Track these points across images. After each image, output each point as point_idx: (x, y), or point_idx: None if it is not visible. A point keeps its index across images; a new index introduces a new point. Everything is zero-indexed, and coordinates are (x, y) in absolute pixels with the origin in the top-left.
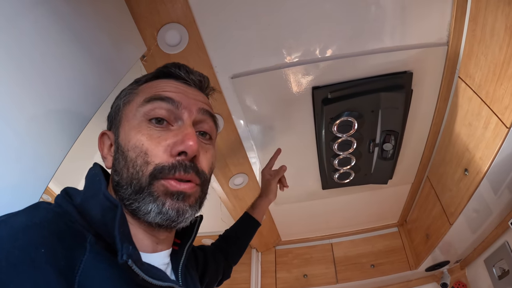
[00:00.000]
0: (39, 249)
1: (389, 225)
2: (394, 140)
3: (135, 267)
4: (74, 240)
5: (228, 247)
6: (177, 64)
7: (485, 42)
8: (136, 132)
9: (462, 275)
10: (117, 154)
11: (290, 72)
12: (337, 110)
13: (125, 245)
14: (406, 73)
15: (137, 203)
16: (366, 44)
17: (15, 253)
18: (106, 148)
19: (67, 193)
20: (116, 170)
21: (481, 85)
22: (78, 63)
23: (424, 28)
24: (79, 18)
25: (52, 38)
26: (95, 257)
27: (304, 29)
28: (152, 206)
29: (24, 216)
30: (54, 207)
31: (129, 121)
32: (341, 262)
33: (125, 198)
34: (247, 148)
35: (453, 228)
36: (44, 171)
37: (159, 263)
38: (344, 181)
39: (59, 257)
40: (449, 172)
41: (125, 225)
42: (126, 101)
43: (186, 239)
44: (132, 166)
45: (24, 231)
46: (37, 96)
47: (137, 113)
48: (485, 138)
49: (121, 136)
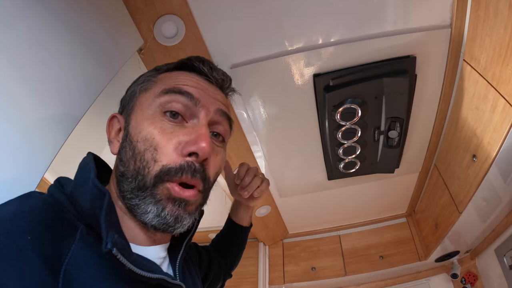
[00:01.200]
0: (25, 236)
1: (397, 216)
2: (400, 127)
3: (120, 256)
4: (63, 229)
5: (226, 256)
6: (202, 58)
7: (489, 22)
8: (148, 124)
9: (472, 266)
10: (125, 142)
11: (290, 60)
12: (339, 97)
13: (110, 233)
14: (409, 58)
15: (138, 200)
16: (367, 29)
17: (1, 239)
18: (114, 132)
19: (59, 182)
20: (122, 160)
21: (487, 67)
22: (73, 56)
23: (426, 11)
24: (74, 12)
25: (47, 33)
26: (84, 247)
27: (303, 15)
28: (152, 207)
29: (14, 205)
30: (45, 196)
31: (143, 110)
32: (349, 254)
33: (127, 191)
34: (251, 142)
35: (462, 217)
36: (39, 163)
37: (154, 257)
38: (350, 170)
39: (46, 245)
40: (457, 159)
41: (113, 214)
42: (143, 88)
43: (185, 234)
44: (139, 159)
45: (12, 219)
46: (32, 89)
47: (153, 103)
48: (493, 121)
49: (132, 124)
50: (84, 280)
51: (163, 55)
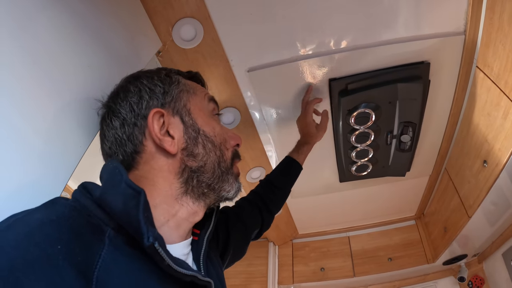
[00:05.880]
0: (56, 245)
1: (406, 218)
2: (412, 132)
3: (161, 250)
4: (92, 235)
5: (269, 194)
6: (199, 74)
7: (503, 31)
8: (216, 123)
9: (479, 269)
10: (199, 138)
11: (306, 64)
12: (354, 101)
13: (150, 229)
14: (423, 63)
15: (221, 182)
16: (383, 35)
17: (31, 250)
18: (158, 128)
19: (84, 187)
20: (195, 155)
21: (500, 75)
22: (94, 60)
23: (440, 17)
24: (93, 16)
25: (67, 37)
26: (114, 251)
27: (320, 21)
28: (235, 184)
29: (40, 212)
30: (71, 202)
31: (203, 111)
32: (358, 255)
33: (204, 182)
34: (264, 141)
35: (471, 221)
36: (63, 168)
37: (179, 254)
38: (362, 173)
39: (76, 253)
40: (468, 164)
41: (149, 211)
42: (185, 90)
43: (206, 229)
44: (219, 149)
45: (40, 228)
46: (55, 94)
47: (207, 107)
48: (504, 128)
49: (199, 122)
50: (117, 285)
51: (181, 58)
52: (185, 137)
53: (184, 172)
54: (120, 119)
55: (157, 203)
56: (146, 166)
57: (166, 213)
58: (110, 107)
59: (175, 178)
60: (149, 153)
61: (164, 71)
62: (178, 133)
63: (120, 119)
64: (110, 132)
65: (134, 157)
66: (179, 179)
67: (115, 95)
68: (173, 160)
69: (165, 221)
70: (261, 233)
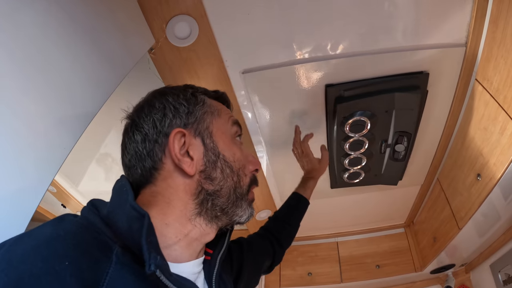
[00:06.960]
0: (63, 261)
1: (396, 226)
2: (407, 142)
3: (163, 278)
4: (100, 252)
5: (279, 228)
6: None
7: (506, 46)
8: (237, 148)
9: (466, 279)
10: (218, 162)
11: (302, 69)
12: (350, 109)
13: (152, 255)
14: (422, 74)
15: (235, 207)
16: (383, 43)
17: (39, 265)
18: (179, 148)
19: (93, 204)
20: (212, 179)
21: (499, 90)
22: (82, 56)
23: (443, 28)
24: (84, 9)
25: (53, 31)
26: (122, 269)
27: (319, 25)
28: (248, 209)
29: (48, 228)
30: (79, 219)
31: (226, 135)
32: (346, 261)
33: (218, 206)
34: (255, 142)
35: (461, 233)
36: (47, 168)
37: (189, 273)
38: (354, 181)
39: (83, 269)
40: (461, 176)
41: (153, 235)
42: (210, 111)
43: (219, 249)
44: (236, 175)
45: (48, 243)
46: (39, 92)
47: (230, 130)
48: (501, 144)
49: (221, 146)
50: None
51: (174, 56)
52: (204, 160)
53: (200, 194)
54: (142, 134)
55: (170, 222)
56: (163, 183)
57: (178, 232)
58: (134, 120)
59: (190, 198)
60: (167, 171)
61: (190, 90)
62: (198, 155)
63: (142, 134)
64: (131, 145)
65: (152, 173)
66: (195, 200)
67: (140, 108)
68: (190, 181)
69: (176, 240)
70: (273, 267)
